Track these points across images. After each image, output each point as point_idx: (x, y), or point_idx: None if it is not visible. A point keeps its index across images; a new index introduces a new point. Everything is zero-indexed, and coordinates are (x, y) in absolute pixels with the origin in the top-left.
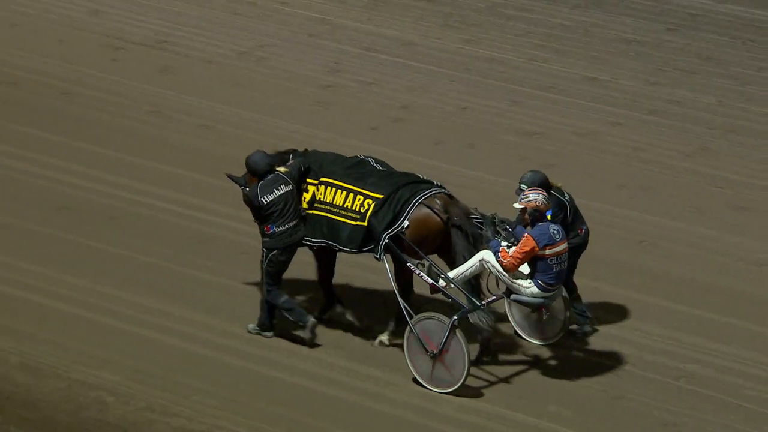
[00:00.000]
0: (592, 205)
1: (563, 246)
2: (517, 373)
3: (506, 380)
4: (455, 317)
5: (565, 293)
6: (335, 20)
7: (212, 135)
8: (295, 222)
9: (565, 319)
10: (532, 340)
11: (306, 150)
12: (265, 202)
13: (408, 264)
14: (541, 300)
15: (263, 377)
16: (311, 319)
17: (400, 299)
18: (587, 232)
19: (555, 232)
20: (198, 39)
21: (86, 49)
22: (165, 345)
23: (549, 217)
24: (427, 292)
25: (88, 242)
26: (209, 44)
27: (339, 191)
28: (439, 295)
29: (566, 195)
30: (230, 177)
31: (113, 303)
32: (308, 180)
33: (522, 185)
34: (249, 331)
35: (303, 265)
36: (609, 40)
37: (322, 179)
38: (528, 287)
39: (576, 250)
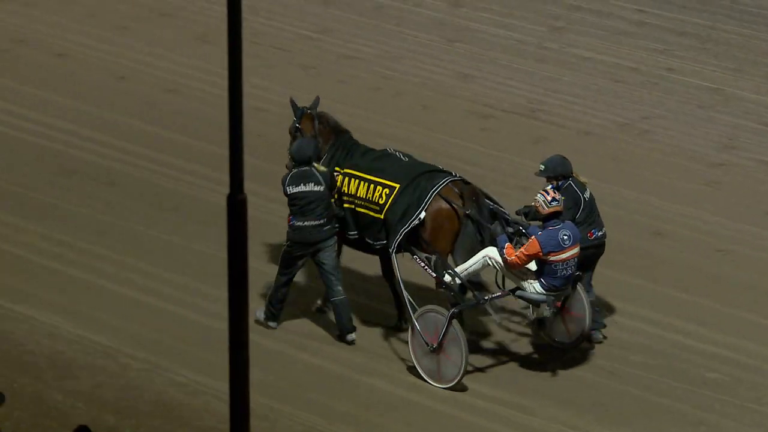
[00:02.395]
0: None
1: (572, 252)
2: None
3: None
4: (454, 309)
5: (587, 296)
6: (730, 90)
7: None
8: (318, 222)
9: (587, 323)
10: (553, 342)
11: (351, 138)
12: (289, 192)
13: (414, 257)
14: (544, 298)
15: None
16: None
17: (404, 292)
18: (599, 239)
19: (565, 238)
20: (574, 108)
21: (452, 116)
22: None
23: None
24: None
25: None
26: (586, 114)
27: (362, 183)
28: None
29: (586, 192)
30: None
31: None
32: (335, 168)
33: (541, 165)
34: (256, 320)
35: None
36: None
37: (345, 170)
38: (533, 282)
39: (589, 257)
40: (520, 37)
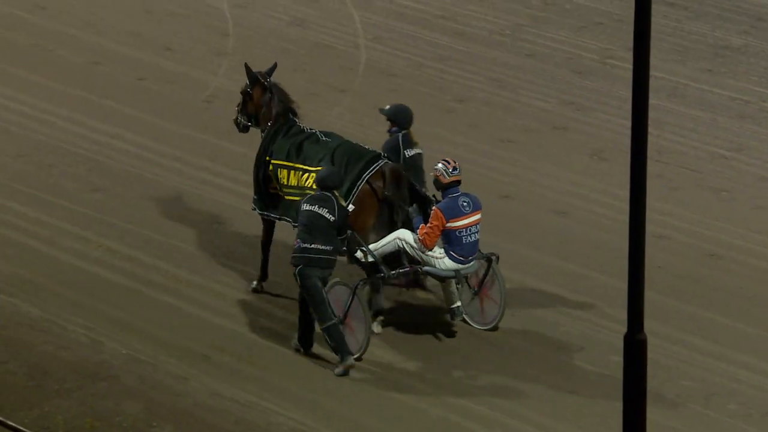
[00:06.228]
0: None
1: (474, 218)
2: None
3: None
4: (359, 282)
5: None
6: None
7: None
8: (326, 248)
9: (503, 302)
10: (474, 325)
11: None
12: (302, 209)
13: None
14: (452, 273)
15: None
16: (351, 360)
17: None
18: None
19: (465, 204)
20: None
21: None
22: None
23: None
24: None
25: None
26: None
27: (292, 172)
28: None
29: (413, 150)
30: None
31: None
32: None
33: (387, 105)
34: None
35: None
36: None
37: (273, 161)
38: (440, 258)
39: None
40: None
